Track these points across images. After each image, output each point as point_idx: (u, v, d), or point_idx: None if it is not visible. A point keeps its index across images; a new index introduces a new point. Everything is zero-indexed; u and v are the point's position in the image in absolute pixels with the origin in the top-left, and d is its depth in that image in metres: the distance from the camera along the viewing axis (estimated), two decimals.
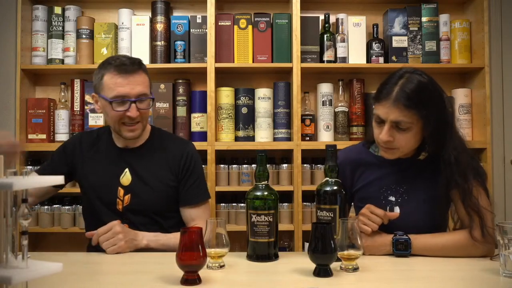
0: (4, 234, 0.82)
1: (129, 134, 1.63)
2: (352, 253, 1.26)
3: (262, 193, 1.39)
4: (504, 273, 1.20)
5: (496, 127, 2.76)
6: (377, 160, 1.57)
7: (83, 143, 1.76)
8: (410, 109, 1.38)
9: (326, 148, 1.41)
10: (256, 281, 1.23)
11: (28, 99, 2.61)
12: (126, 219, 1.63)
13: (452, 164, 1.42)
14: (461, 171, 1.42)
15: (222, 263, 1.31)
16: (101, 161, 1.71)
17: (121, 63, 1.59)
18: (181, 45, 2.60)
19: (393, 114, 1.40)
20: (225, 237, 1.31)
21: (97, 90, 1.65)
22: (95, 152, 1.74)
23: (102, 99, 1.61)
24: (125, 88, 1.57)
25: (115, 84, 1.57)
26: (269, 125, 2.60)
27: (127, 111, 1.58)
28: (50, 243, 2.66)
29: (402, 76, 1.43)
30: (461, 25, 2.68)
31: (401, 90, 1.40)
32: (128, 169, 1.67)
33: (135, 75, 1.59)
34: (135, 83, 1.59)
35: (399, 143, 1.43)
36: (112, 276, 1.26)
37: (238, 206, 2.57)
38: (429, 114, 1.40)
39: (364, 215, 1.43)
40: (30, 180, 0.83)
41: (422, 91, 1.41)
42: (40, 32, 2.62)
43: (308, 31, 2.60)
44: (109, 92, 1.58)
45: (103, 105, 1.63)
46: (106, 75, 1.59)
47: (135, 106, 1.58)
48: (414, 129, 1.42)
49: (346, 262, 1.27)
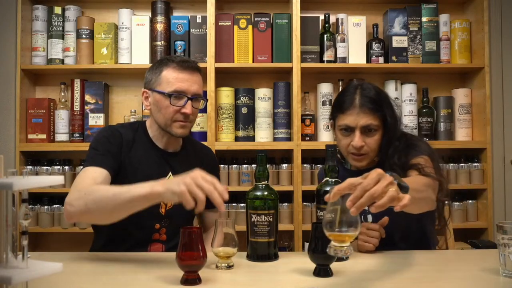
0: (4, 234, 0.82)
1: (180, 130, 1.61)
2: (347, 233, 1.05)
3: (262, 193, 1.39)
4: (504, 273, 1.20)
5: (496, 127, 2.76)
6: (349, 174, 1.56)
7: (124, 139, 1.61)
8: (376, 112, 1.50)
9: (326, 148, 1.41)
10: (256, 281, 1.23)
11: (28, 99, 2.61)
12: (165, 222, 1.59)
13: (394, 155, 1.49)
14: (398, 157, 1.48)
15: (231, 263, 1.30)
16: (143, 161, 1.62)
17: (183, 60, 1.61)
18: (181, 45, 2.60)
19: (362, 119, 1.50)
20: (234, 237, 1.31)
21: (150, 86, 1.63)
22: (135, 150, 1.62)
23: (157, 93, 1.59)
24: (185, 84, 1.59)
25: (176, 78, 1.58)
26: (269, 125, 2.60)
27: (183, 107, 1.58)
28: (50, 243, 2.66)
29: (357, 87, 1.55)
30: (461, 25, 2.68)
31: (362, 97, 1.51)
32: (171, 172, 1.63)
33: (194, 74, 1.62)
34: (194, 81, 1.61)
35: (369, 147, 1.52)
36: (112, 276, 1.26)
37: (238, 206, 2.57)
38: (389, 115, 1.52)
39: (362, 234, 1.44)
40: (30, 180, 0.83)
41: (380, 95, 1.54)
42: (40, 32, 2.62)
43: (308, 31, 2.60)
44: (167, 86, 1.58)
45: (157, 100, 1.60)
46: (166, 70, 1.60)
47: (191, 103, 1.59)
48: (379, 131, 1.53)
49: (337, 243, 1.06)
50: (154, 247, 1.59)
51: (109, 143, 1.57)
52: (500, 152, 2.79)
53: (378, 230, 1.45)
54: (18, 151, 2.53)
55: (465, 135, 2.67)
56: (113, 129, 1.64)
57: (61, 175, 2.54)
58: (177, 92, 1.58)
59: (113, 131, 1.62)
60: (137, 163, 1.60)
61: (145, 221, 1.55)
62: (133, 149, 1.61)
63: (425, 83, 2.74)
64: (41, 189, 2.45)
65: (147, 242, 1.58)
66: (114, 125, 1.69)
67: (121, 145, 1.58)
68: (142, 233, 1.56)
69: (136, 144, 1.63)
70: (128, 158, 1.59)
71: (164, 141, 1.66)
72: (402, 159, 1.48)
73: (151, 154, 1.64)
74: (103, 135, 1.60)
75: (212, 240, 1.31)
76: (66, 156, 2.65)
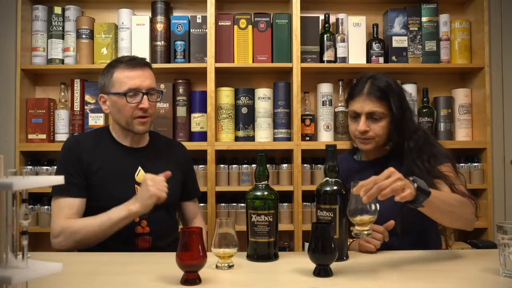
0: (4, 234, 0.82)
1: (141, 127, 1.69)
2: (365, 218, 1.26)
3: (262, 193, 1.39)
4: (504, 273, 1.20)
5: (496, 127, 2.76)
6: (358, 165, 1.71)
7: (81, 145, 1.71)
8: (382, 100, 1.59)
9: (326, 148, 1.41)
10: (256, 281, 1.23)
11: (28, 99, 2.61)
12: (144, 214, 1.63)
13: (413, 151, 1.57)
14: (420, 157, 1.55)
15: (231, 263, 1.31)
16: (109, 159, 1.70)
17: (131, 59, 1.70)
18: (181, 45, 2.60)
19: (368, 106, 1.59)
20: (234, 237, 1.31)
21: (105, 90, 1.71)
22: (100, 151, 1.71)
23: (113, 95, 1.68)
24: (136, 81, 1.66)
25: (127, 77, 1.66)
26: (269, 125, 2.60)
27: (140, 103, 1.66)
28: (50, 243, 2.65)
29: (369, 77, 1.64)
30: (461, 25, 2.68)
31: (371, 86, 1.61)
32: (140, 167, 1.72)
33: (144, 70, 1.70)
34: (145, 77, 1.69)
35: (374, 132, 1.60)
36: (112, 276, 1.26)
37: (238, 206, 2.56)
38: (396, 106, 1.58)
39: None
40: (30, 180, 0.83)
41: (389, 86, 1.61)
42: (40, 32, 2.62)
43: (308, 31, 2.60)
44: (121, 86, 1.66)
45: (114, 102, 1.68)
46: (116, 71, 1.68)
47: (147, 98, 1.67)
48: (386, 119, 1.60)
49: (360, 227, 1.27)
50: (142, 242, 1.66)
51: (69, 161, 1.67)
52: (500, 152, 2.79)
53: (382, 232, 1.45)
54: (18, 151, 2.53)
55: (465, 135, 2.67)
56: (71, 141, 1.74)
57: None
58: (131, 89, 1.66)
59: (70, 143, 1.72)
60: (103, 162, 1.68)
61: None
62: (96, 151, 1.70)
63: (425, 83, 2.74)
64: (41, 189, 2.44)
65: (132, 237, 1.64)
66: (77, 134, 1.74)
67: (79, 153, 1.67)
68: (126, 229, 1.60)
69: (100, 146, 1.72)
70: (92, 161, 1.67)
71: (129, 140, 1.76)
72: (426, 164, 1.54)
73: (117, 152, 1.73)
74: (62, 153, 1.71)
75: (212, 240, 1.31)
76: None
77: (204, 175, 2.53)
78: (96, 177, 1.67)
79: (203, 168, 2.55)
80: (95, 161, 1.68)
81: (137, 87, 1.66)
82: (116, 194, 1.64)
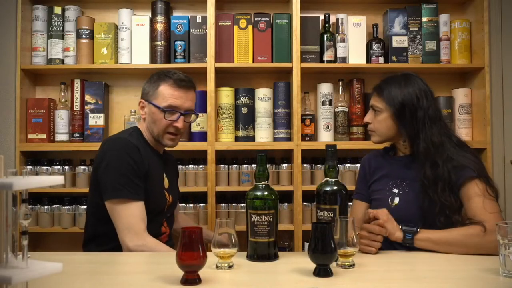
0: (4, 234, 0.82)
1: (170, 142, 1.77)
2: (349, 251, 1.29)
3: (262, 193, 1.39)
4: (504, 273, 1.20)
5: (496, 127, 2.76)
6: (390, 159, 1.77)
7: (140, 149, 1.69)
8: (380, 96, 1.67)
9: (326, 148, 1.41)
10: (256, 281, 1.23)
11: (28, 99, 2.61)
12: (165, 214, 1.79)
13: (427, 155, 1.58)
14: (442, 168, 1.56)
15: (231, 263, 1.31)
16: (153, 165, 1.73)
17: (180, 79, 1.75)
18: (181, 45, 2.60)
19: (372, 100, 1.71)
20: (234, 237, 1.31)
21: (147, 98, 1.76)
22: (144, 157, 1.70)
23: (153, 106, 1.73)
24: (179, 101, 1.73)
25: (171, 95, 1.72)
26: (269, 125, 2.60)
27: (175, 121, 1.73)
28: (50, 243, 2.65)
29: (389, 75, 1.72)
30: (461, 25, 2.68)
31: (380, 82, 1.71)
32: (165, 174, 1.82)
33: (189, 91, 1.77)
34: (187, 98, 1.75)
35: (374, 125, 1.69)
36: (112, 276, 1.26)
37: (238, 206, 2.56)
38: (398, 104, 1.62)
39: (364, 237, 1.46)
40: (30, 180, 0.83)
41: (392, 84, 1.66)
42: (40, 32, 2.62)
43: (308, 31, 2.60)
44: (163, 101, 1.72)
45: (152, 112, 1.74)
46: (162, 85, 1.73)
47: (183, 118, 1.75)
48: (384, 114, 1.65)
49: (343, 259, 1.29)
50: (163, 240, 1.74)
51: (135, 164, 1.63)
52: (500, 152, 2.79)
53: (379, 232, 1.45)
54: (18, 151, 2.53)
55: (465, 135, 2.67)
56: (129, 144, 1.66)
57: (61, 175, 2.55)
58: (171, 107, 1.72)
59: (130, 146, 1.66)
60: (149, 167, 1.70)
61: (157, 219, 1.74)
62: (144, 156, 1.71)
63: None
64: (41, 189, 2.45)
65: (158, 236, 1.71)
66: (121, 137, 1.72)
67: (141, 158, 1.67)
68: (156, 228, 1.71)
69: (143, 151, 1.72)
70: (145, 164, 1.68)
71: (159, 147, 1.83)
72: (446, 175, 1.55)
73: (154, 158, 1.78)
74: (127, 158, 1.63)
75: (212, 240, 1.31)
76: (66, 156, 2.65)
77: (204, 175, 2.53)
78: (148, 182, 1.68)
79: (203, 168, 2.55)
80: (146, 165, 1.69)
81: (177, 106, 1.72)
82: (156, 199, 1.72)
